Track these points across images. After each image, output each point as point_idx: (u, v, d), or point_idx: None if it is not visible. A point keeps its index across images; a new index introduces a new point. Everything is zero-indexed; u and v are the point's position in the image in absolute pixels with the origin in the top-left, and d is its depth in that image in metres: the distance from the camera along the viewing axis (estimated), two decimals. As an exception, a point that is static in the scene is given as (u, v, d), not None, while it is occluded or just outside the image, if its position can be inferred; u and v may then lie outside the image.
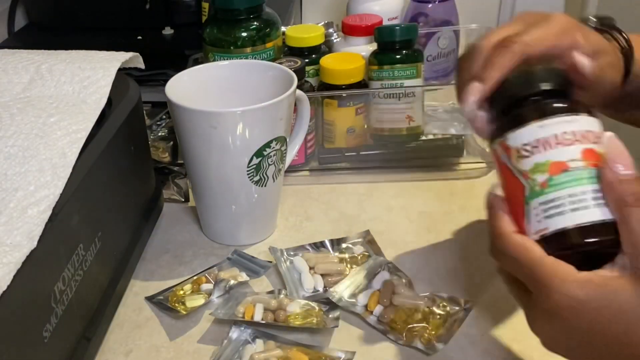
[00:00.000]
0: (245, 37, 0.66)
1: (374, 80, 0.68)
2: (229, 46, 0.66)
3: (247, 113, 0.51)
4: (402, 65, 0.67)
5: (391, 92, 0.67)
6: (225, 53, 0.66)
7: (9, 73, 0.51)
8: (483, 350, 0.47)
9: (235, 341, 0.48)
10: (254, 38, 0.66)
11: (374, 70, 0.68)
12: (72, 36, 0.90)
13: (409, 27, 0.68)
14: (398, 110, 0.68)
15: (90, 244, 0.46)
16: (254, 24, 0.66)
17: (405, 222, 0.61)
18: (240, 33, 0.66)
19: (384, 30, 0.68)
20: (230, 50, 0.66)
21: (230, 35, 0.66)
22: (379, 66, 0.68)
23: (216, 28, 0.67)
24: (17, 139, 0.43)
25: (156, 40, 0.90)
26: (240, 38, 0.66)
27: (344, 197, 0.65)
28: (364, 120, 0.69)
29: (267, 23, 0.67)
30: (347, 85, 0.67)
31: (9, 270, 0.35)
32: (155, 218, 0.62)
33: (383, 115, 0.69)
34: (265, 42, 0.67)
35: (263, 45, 0.67)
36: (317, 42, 0.71)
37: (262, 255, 0.57)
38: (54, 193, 0.40)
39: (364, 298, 0.51)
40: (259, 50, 0.67)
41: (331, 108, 0.68)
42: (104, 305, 0.49)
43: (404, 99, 0.68)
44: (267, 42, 0.67)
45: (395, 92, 0.67)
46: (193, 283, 0.54)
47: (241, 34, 0.66)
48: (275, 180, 0.56)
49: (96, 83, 0.51)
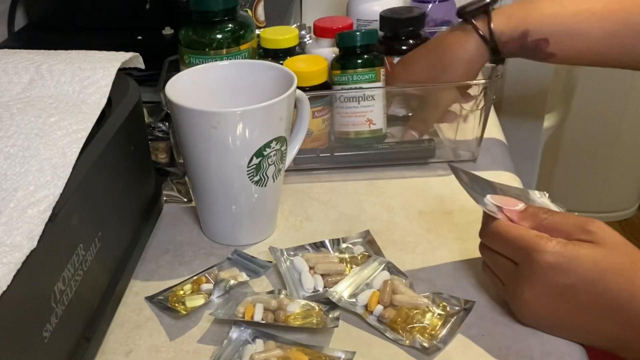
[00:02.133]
0: (220, 39, 0.66)
1: (335, 85, 0.69)
2: (204, 48, 0.66)
3: (247, 113, 0.51)
4: (363, 69, 0.68)
5: (351, 96, 0.68)
6: (201, 55, 0.66)
7: (9, 73, 0.51)
8: (483, 350, 0.47)
9: (235, 341, 0.48)
10: (228, 40, 0.66)
11: (336, 74, 0.69)
12: (72, 36, 0.90)
13: (369, 32, 0.68)
14: (359, 113, 0.69)
15: (90, 244, 0.46)
16: (229, 26, 0.66)
17: (405, 222, 0.61)
18: (215, 35, 0.66)
19: (344, 35, 0.69)
20: (206, 52, 0.66)
21: (205, 37, 0.66)
22: (340, 70, 0.68)
23: (191, 30, 0.67)
24: (17, 139, 0.43)
25: (156, 40, 0.90)
26: (215, 40, 0.66)
27: (344, 197, 0.65)
28: (323, 124, 0.69)
29: (242, 25, 0.67)
30: (309, 87, 0.67)
31: (9, 270, 0.35)
32: (155, 218, 0.62)
33: (344, 119, 0.70)
34: (239, 44, 0.66)
35: (237, 47, 0.66)
36: (291, 44, 0.71)
37: (262, 255, 0.57)
38: (54, 193, 0.40)
39: (364, 298, 0.51)
40: (234, 52, 0.66)
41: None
42: (104, 305, 0.49)
43: (364, 102, 0.68)
44: (242, 44, 0.67)
45: (354, 95, 0.68)
46: (193, 283, 0.54)
47: (216, 36, 0.66)
48: (275, 180, 0.56)
49: (96, 83, 0.51)
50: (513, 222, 0.48)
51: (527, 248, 0.45)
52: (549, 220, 0.47)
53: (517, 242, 0.46)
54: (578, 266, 0.44)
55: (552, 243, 0.44)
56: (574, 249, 0.44)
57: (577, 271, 0.44)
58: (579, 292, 0.44)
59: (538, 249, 0.44)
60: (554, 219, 0.47)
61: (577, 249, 0.44)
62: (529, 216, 0.48)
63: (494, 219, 0.48)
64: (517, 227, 0.47)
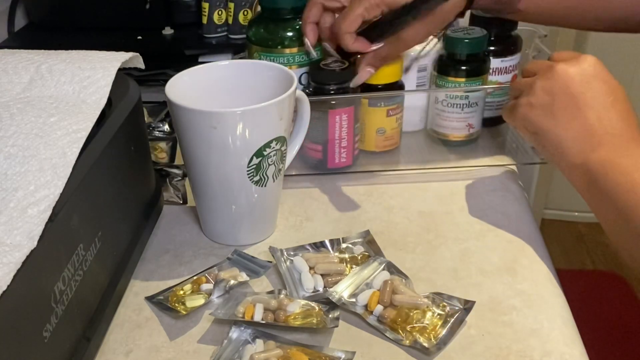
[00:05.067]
0: (291, 37, 0.66)
1: (438, 86, 0.70)
2: (275, 46, 0.66)
3: (247, 113, 0.51)
4: (469, 78, 0.69)
5: (455, 102, 0.68)
6: (270, 53, 0.66)
7: (9, 73, 0.51)
8: (483, 350, 0.47)
9: (235, 341, 0.48)
10: (300, 38, 0.66)
11: (442, 78, 0.70)
12: (72, 36, 0.90)
13: (478, 41, 0.68)
14: (461, 119, 0.70)
15: (90, 244, 0.46)
16: (301, 23, 0.66)
17: (405, 222, 0.61)
18: (285, 33, 0.65)
19: (458, 42, 0.68)
20: (277, 49, 0.66)
21: (275, 34, 0.65)
22: (448, 76, 0.69)
23: (262, 27, 0.66)
24: (17, 139, 0.43)
25: (156, 40, 0.90)
26: (286, 38, 0.65)
27: (344, 197, 0.65)
28: (396, 122, 0.69)
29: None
30: (382, 85, 0.67)
31: (9, 270, 0.35)
32: (155, 218, 0.62)
33: (444, 122, 0.71)
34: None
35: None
36: None
37: (262, 255, 0.57)
38: (54, 193, 0.40)
39: (364, 298, 0.51)
40: (304, 51, 0.67)
41: (362, 107, 0.68)
42: (104, 305, 0.49)
43: (467, 108, 0.69)
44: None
45: (459, 102, 0.69)
46: (193, 283, 0.54)
47: (287, 34, 0.66)
48: (275, 180, 0.56)
49: (96, 83, 0.51)
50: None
51: (546, 63, 0.58)
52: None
53: (539, 63, 0.59)
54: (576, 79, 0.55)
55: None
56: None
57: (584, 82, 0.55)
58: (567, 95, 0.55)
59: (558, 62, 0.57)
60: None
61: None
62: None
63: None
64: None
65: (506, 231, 0.60)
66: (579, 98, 0.55)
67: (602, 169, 0.52)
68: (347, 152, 0.67)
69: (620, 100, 0.55)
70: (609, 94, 0.55)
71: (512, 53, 0.73)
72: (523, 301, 0.51)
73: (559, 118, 0.56)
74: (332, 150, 0.66)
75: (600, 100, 0.54)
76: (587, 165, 0.53)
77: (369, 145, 0.70)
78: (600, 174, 0.52)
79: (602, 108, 0.54)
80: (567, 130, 0.55)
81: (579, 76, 0.55)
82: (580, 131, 0.54)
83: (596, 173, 0.52)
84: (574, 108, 0.55)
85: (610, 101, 0.54)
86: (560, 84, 0.56)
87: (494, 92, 0.72)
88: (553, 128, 0.56)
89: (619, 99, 0.55)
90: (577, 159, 0.54)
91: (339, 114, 0.65)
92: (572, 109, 0.55)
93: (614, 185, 0.51)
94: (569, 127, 0.55)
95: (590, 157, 0.53)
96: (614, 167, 0.51)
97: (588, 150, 0.54)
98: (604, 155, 0.52)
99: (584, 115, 0.54)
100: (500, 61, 0.73)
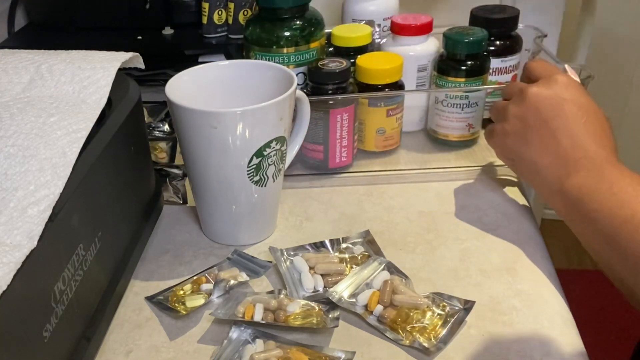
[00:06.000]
0: (288, 37, 0.65)
1: (437, 86, 0.70)
2: (272, 45, 0.65)
3: (247, 113, 0.51)
4: (469, 78, 0.68)
5: (455, 102, 0.68)
6: (267, 52, 0.66)
7: (9, 73, 0.51)
8: (483, 350, 0.47)
9: (235, 341, 0.48)
10: (297, 38, 0.66)
11: (440, 78, 0.69)
12: (72, 36, 0.90)
13: (478, 41, 0.68)
14: (461, 119, 0.70)
15: (90, 244, 0.46)
16: (298, 23, 0.66)
17: (405, 222, 0.61)
18: (283, 32, 0.65)
19: (455, 40, 0.68)
20: (273, 49, 0.66)
21: (273, 34, 0.65)
22: (447, 76, 0.69)
23: (259, 27, 0.66)
24: (17, 139, 0.43)
25: (156, 40, 0.90)
26: (283, 37, 0.65)
27: (344, 197, 0.65)
28: (396, 122, 0.69)
29: (311, 23, 0.66)
30: (382, 85, 0.67)
31: (9, 270, 0.35)
32: (155, 218, 0.62)
33: (445, 122, 0.71)
34: (309, 42, 0.66)
35: (307, 45, 0.66)
36: (364, 42, 0.70)
37: (262, 255, 0.57)
38: (54, 193, 0.40)
39: (364, 298, 0.51)
40: (303, 51, 0.66)
41: (362, 107, 0.67)
42: (104, 305, 0.49)
43: (467, 108, 0.69)
44: (312, 42, 0.66)
45: (459, 102, 0.68)
46: (193, 283, 0.54)
47: (284, 34, 0.65)
48: (275, 180, 0.56)
49: (96, 83, 0.51)
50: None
51: (520, 86, 0.58)
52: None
53: (513, 84, 0.60)
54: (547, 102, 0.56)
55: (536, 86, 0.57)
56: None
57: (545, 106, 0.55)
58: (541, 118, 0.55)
59: (527, 87, 0.57)
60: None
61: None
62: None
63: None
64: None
65: (506, 231, 0.60)
66: (550, 123, 0.54)
67: (579, 195, 0.51)
68: (347, 151, 0.67)
69: (592, 122, 0.54)
70: (581, 116, 0.54)
71: (512, 53, 0.73)
72: (523, 301, 0.51)
73: (533, 144, 0.55)
74: (333, 149, 0.66)
75: (573, 124, 0.54)
76: (564, 191, 0.53)
77: (369, 145, 0.70)
78: (578, 200, 0.51)
79: (575, 131, 0.53)
80: (541, 157, 0.55)
81: (550, 100, 0.55)
82: (555, 157, 0.54)
83: (574, 199, 0.52)
84: (546, 134, 0.54)
85: (582, 123, 0.54)
86: (531, 110, 0.55)
87: (494, 92, 0.72)
88: (528, 155, 0.56)
89: (592, 120, 0.54)
90: (554, 186, 0.54)
91: (339, 113, 0.65)
92: (545, 134, 0.54)
93: (591, 211, 0.50)
94: (543, 153, 0.55)
95: (567, 183, 0.53)
96: (590, 193, 0.50)
97: (564, 176, 0.53)
98: (580, 181, 0.52)
99: (557, 140, 0.54)
100: (500, 61, 0.73)
